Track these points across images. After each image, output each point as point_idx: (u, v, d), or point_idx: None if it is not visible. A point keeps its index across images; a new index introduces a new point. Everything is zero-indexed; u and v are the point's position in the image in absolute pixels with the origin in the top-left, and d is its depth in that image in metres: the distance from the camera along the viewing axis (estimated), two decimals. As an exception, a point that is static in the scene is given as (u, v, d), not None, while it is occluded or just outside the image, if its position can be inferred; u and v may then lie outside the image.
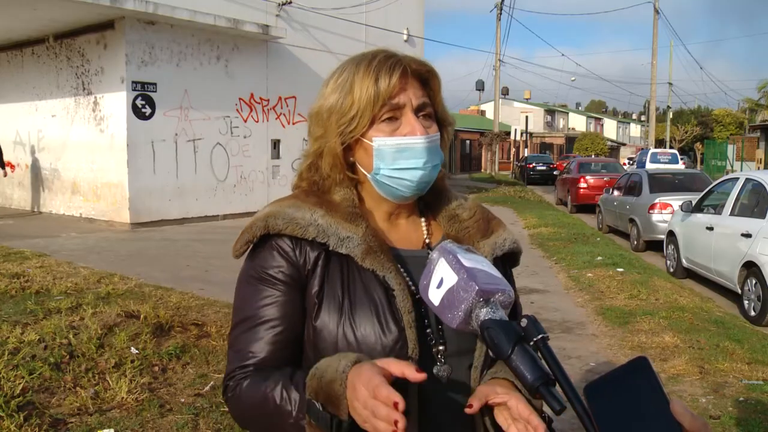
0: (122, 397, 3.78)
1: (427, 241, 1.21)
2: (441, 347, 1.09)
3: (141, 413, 3.66)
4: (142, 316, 5.13)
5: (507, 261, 1.25)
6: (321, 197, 1.17)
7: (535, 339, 0.82)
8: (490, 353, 0.90)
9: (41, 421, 3.43)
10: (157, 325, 5.02)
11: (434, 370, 1.07)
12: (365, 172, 1.16)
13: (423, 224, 1.24)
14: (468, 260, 0.91)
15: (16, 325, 4.84)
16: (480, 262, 0.92)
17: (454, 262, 0.90)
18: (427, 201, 1.25)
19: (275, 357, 1.09)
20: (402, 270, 1.12)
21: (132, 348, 4.53)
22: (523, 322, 0.84)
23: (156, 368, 4.31)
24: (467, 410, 1.00)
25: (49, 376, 3.98)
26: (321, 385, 0.95)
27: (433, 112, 1.17)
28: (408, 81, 1.13)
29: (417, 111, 1.13)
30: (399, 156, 1.12)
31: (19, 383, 3.78)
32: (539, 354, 0.82)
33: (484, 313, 0.86)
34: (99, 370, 4.16)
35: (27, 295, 5.81)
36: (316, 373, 0.97)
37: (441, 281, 0.91)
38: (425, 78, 1.17)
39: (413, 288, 1.09)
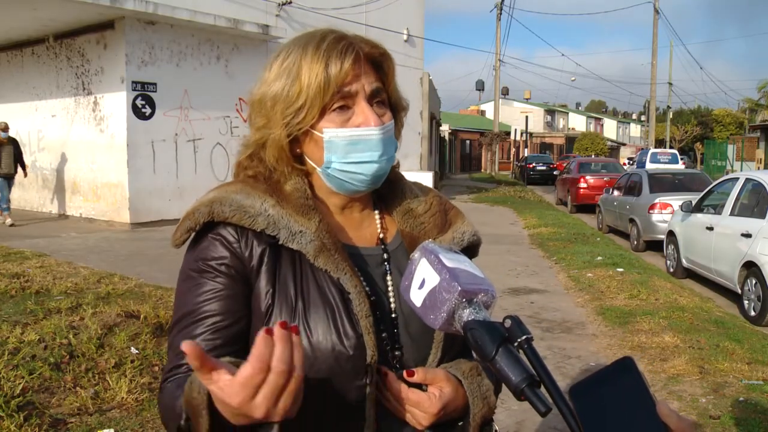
0: (122, 397, 3.78)
1: (381, 236, 1.13)
2: (397, 353, 1.04)
3: (141, 413, 3.66)
4: (142, 316, 5.13)
5: (467, 253, 1.14)
6: (271, 185, 1.07)
7: (519, 340, 0.81)
8: (474, 355, 0.86)
9: (41, 421, 3.43)
10: (157, 325, 5.02)
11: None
12: (315, 166, 1.07)
13: (377, 219, 1.15)
14: (450, 260, 0.89)
15: (16, 325, 4.83)
16: (462, 262, 0.90)
17: (435, 263, 0.88)
18: (381, 192, 1.16)
19: (215, 355, 0.95)
20: (357, 270, 1.04)
21: (132, 348, 4.53)
22: (507, 323, 0.82)
23: (156, 368, 4.30)
24: (407, 375, 0.97)
25: (49, 376, 3.98)
26: (186, 396, 0.85)
27: (386, 98, 1.09)
28: (360, 66, 1.03)
29: (370, 98, 1.04)
30: (352, 149, 1.03)
31: (19, 383, 3.78)
32: (524, 355, 0.81)
33: (467, 314, 0.84)
34: (99, 370, 4.16)
35: (27, 295, 5.81)
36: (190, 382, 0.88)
37: (423, 282, 0.88)
38: (378, 61, 1.08)
39: (368, 290, 1.03)
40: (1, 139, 11.53)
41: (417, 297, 0.89)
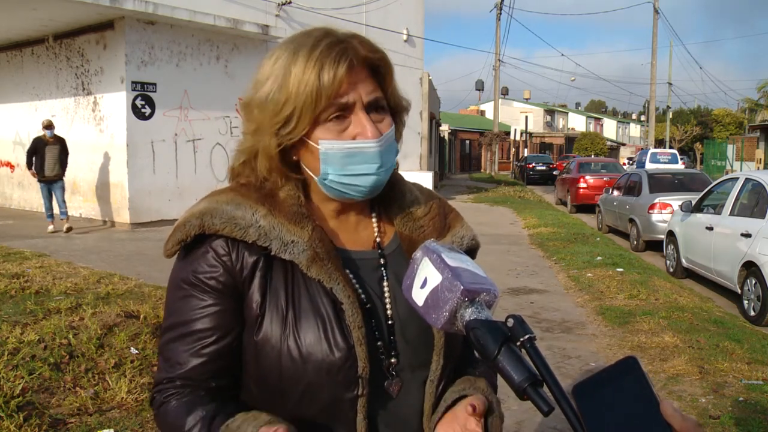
0: (122, 397, 3.78)
1: (378, 240, 1.11)
2: (393, 360, 1.03)
3: (141, 413, 3.66)
4: (141, 316, 5.12)
5: None
6: (264, 192, 1.04)
7: (521, 339, 0.80)
8: (476, 354, 0.86)
9: (41, 421, 3.43)
10: (157, 325, 5.01)
11: (384, 384, 1.02)
12: (312, 175, 1.04)
13: (374, 222, 1.12)
14: (452, 259, 0.88)
15: (16, 325, 4.83)
16: (464, 261, 0.90)
17: (438, 261, 0.88)
18: (380, 194, 1.11)
19: (204, 370, 1.00)
20: (352, 277, 1.03)
21: (132, 348, 4.53)
22: (510, 322, 0.82)
23: (156, 369, 4.30)
24: (469, 410, 0.97)
25: (49, 376, 3.98)
26: None
27: (385, 103, 1.05)
28: (356, 73, 0.99)
29: (368, 107, 1.00)
30: (349, 161, 0.99)
31: (19, 383, 3.78)
32: (526, 354, 0.81)
33: (469, 313, 0.84)
34: (99, 370, 4.16)
35: (27, 295, 5.80)
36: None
37: (425, 281, 0.88)
38: (375, 65, 1.03)
39: (363, 297, 1.02)
40: (47, 138, 10.62)
41: (419, 296, 0.89)
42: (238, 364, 1.03)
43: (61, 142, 10.68)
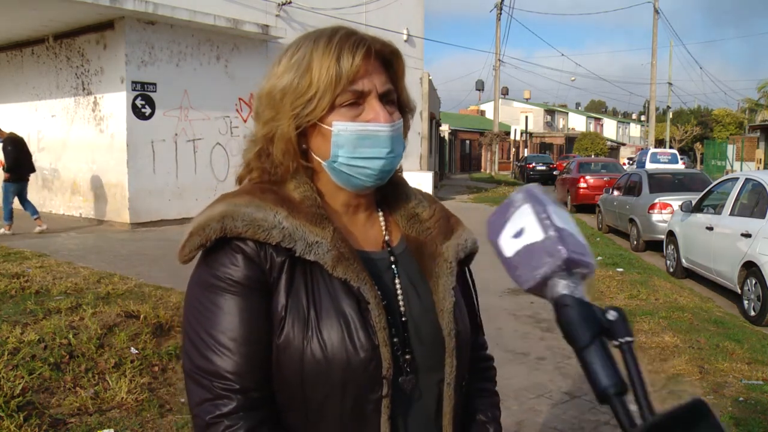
0: (122, 397, 3.78)
1: (386, 238, 1.12)
2: (407, 356, 1.02)
3: (141, 413, 3.66)
4: (142, 316, 5.12)
5: (465, 261, 1.17)
6: (279, 193, 1.03)
7: (620, 340, 0.70)
8: (562, 335, 0.74)
9: (41, 421, 3.43)
10: (157, 325, 5.02)
11: (399, 380, 1.01)
12: (320, 160, 1.05)
13: (381, 220, 1.14)
14: (558, 217, 0.76)
15: (16, 325, 4.83)
16: (568, 222, 0.78)
17: (542, 215, 0.76)
18: (385, 193, 1.15)
19: (258, 381, 0.96)
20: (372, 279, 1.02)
21: (132, 348, 4.53)
22: (611, 315, 0.71)
23: (156, 368, 4.31)
24: None
25: (49, 376, 3.98)
26: None
27: (395, 98, 1.08)
28: (371, 63, 1.03)
29: (381, 98, 1.04)
30: (360, 144, 1.02)
31: (19, 383, 3.78)
32: (620, 358, 0.70)
33: (562, 286, 0.73)
34: (99, 370, 4.16)
35: (27, 295, 5.80)
36: None
37: (521, 231, 0.77)
38: (388, 60, 1.07)
39: (380, 295, 1.01)
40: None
41: (508, 246, 0.79)
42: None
43: (6, 142, 10.28)
